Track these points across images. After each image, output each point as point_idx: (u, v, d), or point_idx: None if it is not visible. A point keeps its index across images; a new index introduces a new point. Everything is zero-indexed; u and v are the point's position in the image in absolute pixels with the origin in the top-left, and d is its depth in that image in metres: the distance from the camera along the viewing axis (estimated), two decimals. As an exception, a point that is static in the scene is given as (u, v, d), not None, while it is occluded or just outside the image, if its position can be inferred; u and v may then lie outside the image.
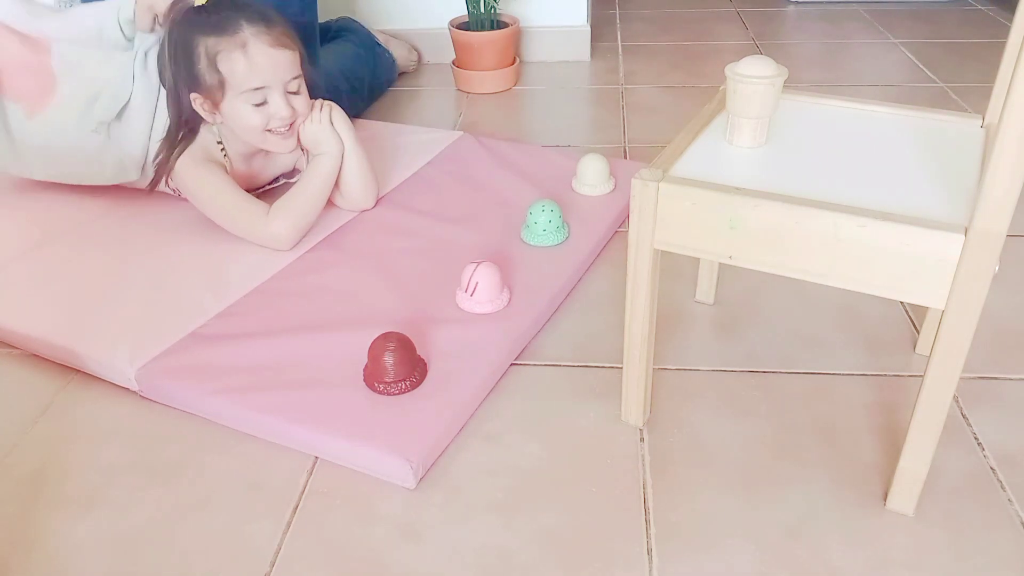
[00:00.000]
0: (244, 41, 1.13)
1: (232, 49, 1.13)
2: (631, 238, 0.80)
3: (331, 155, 1.25)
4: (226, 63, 1.13)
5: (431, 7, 2.04)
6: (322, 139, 1.24)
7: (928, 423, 0.74)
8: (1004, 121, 0.58)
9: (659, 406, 0.95)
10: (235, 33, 1.13)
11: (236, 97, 1.16)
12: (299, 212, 1.21)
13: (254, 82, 1.15)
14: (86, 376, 1.02)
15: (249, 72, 1.14)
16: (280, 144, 1.22)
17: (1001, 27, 2.26)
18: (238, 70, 1.14)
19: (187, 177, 1.21)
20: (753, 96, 0.80)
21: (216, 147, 1.23)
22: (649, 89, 1.89)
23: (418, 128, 1.63)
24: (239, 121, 1.18)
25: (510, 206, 1.32)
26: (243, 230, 1.21)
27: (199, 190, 1.22)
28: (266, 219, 1.20)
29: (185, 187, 1.23)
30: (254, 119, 1.17)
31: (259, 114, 1.17)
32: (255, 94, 1.16)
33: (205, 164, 1.21)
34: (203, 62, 1.14)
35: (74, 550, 0.79)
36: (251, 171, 1.30)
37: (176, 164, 1.21)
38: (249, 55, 1.13)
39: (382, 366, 0.91)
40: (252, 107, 1.16)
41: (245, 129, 1.19)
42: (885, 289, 0.71)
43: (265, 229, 1.19)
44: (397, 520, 0.81)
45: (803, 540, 0.78)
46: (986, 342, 1.03)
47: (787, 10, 2.48)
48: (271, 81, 1.16)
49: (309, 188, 1.23)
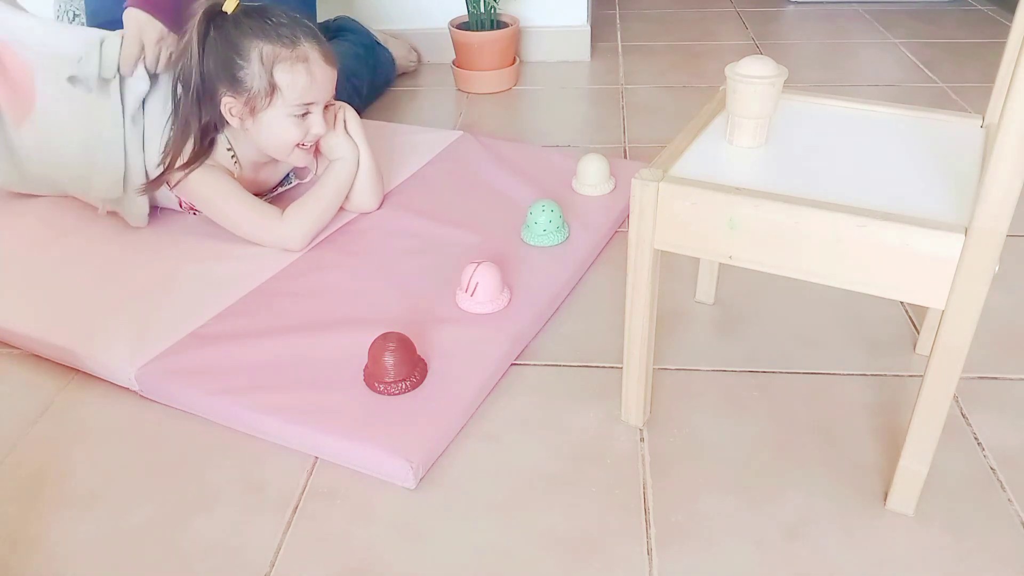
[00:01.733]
0: (306, 56, 1.12)
1: (295, 61, 1.12)
2: (631, 238, 0.80)
3: (348, 160, 1.25)
4: (287, 74, 1.12)
5: (431, 7, 2.04)
6: (337, 145, 1.24)
7: (928, 423, 0.74)
8: (1004, 121, 0.58)
9: (659, 406, 0.95)
10: (295, 46, 1.12)
11: (283, 108, 1.14)
12: (314, 215, 1.21)
13: (309, 97, 1.14)
14: (86, 376, 1.02)
15: (309, 87, 1.13)
16: (304, 158, 1.22)
17: (1001, 27, 2.26)
18: (299, 84, 1.12)
19: (196, 184, 1.19)
20: (753, 96, 0.80)
21: (227, 153, 1.22)
22: (649, 89, 1.89)
23: (418, 128, 1.63)
24: (276, 133, 1.16)
25: (510, 206, 1.32)
26: (256, 233, 1.20)
27: (211, 196, 1.20)
28: (280, 221, 1.19)
29: (193, 194, 1.21)
30: (293, 133, 1.16)
31: (299, 128, 1.16)
32: (303, 108, 1.15)
33: (212, 170, 1.19)
34: (255, 67, 1.11)
35: (74, 550, 0.79)
36: (258, 178, 1.29)
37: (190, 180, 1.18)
38: (312, 71, 1.13)
39: (382, 366, 0.91)
40: (295, 121, 1.15)
41: (279, 142, 1.17)
42: (885, 289, 0.71)
43: (279, 230, 1.19)
44: (397, 520, 0.81)
45: (803, 540, 0.78)
46: (986, 342, 1.03)
47: (787, 10, 2.48)
48: (319, 98, 1.16)
49: (326, 192, 1.23)
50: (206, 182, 1.19)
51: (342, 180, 1.25)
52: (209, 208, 1.22)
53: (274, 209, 1.21)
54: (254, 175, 1.28)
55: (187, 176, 1.18)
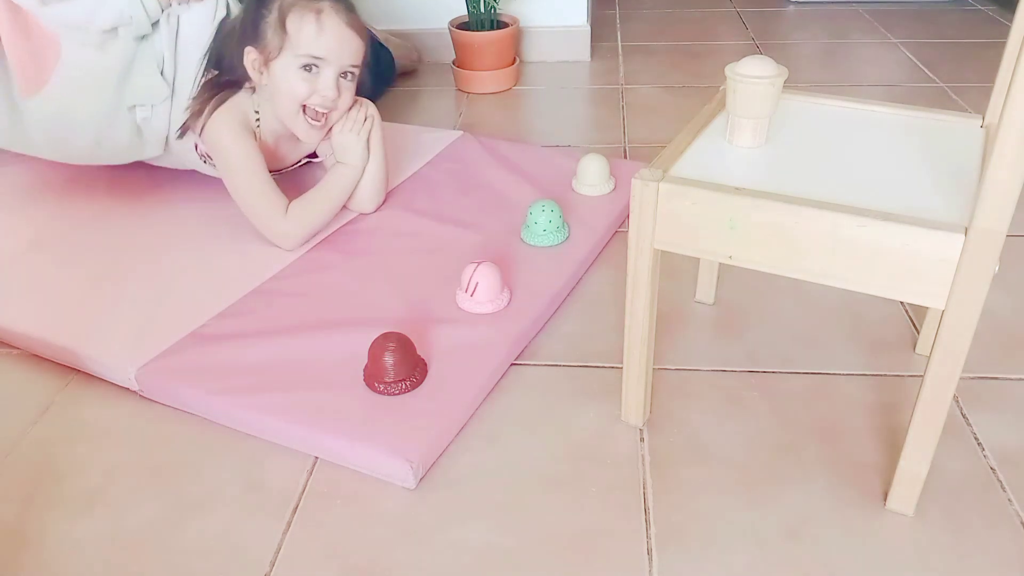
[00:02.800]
0: (321, 8, 1.13)
1: (307, 11, 1.12)
2: (631, 238, 0.80)
3: (354, 168, 1.25)
4: (295, 22, 1.12)
5: (431, 7, 2.04)
6: (351, 150, 1.24)
7: (928, 423, 0.74)
8: (1004, 121, 0.58)
9: (659, 406, 0.95)
10: None
11: (291, 59, 1.14)
12: (311, 218, 1.21)
13: (315, 50, 1.13)
14: (86, 376, 1.02)
15: (315, 39, 1.13)
16: (308, 131, 1.20)
17: (1001, 27, 2.26)
18: (305, 33, 1.12)
19: (223, 138, 1.18)
20: (753, 96, 0.80)
21: (252, 114, 1.21)
22: (649, 89, 1.89)
23: (418, 128, 1.63)
24: (283, 85, 1.16)
25: (510, 206, 1.32)
26: (258, 218, 1.20)
27: (232, 158, 1.19)
28: (283, 218, 1.19)
29: (218, 148, 1.20)
30: (300, 87, 1.15)
31: (306, 83, 1.15)
32: (310, 60, 1.14)
33: (243, 132, 1.19)
34: (273, 15, 1.13)
35: (74, 550, 0.79)
36: (278, 152, 1.28)
37: (213, 118, 1.18)
38: (321, 22, 1.12)
39: (382, 366, 0.91)
40: (302, 73, 1.15)
41: (287, 97, 1.16)
42: (885, 289, 0.71)
43: (279, 226, 1.19)
44: (397, 520, 0.81)
45: (803, 540, 0.78)
46: (986, 342, 1.03)
47: (787, 10, 2.48)
48: (332, 56, 1.14)
49: (326, 197, 1.23)
50: (235, 142, 1.18)
51: (344, 187, 1.25)
52: (228, 170, 1.20)
53: (283, 202, 1.20)
54: (274, 147, 1.27)
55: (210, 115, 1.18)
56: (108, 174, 1.44)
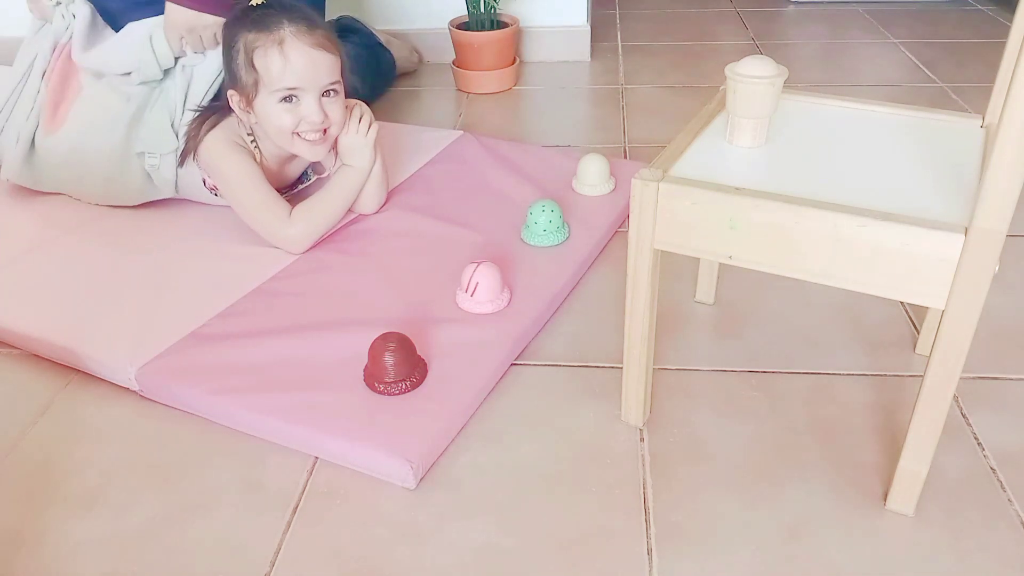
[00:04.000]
0: (282, 39, 1.11)
1: (269, 45, 1.11)
2: (631, 238, 0.80)
3: (360, 170, 1.24)
4: (261, 59, 1.11)
5: (431, 7, 2.04)
6: (356, 151, 1.23)
7: (928, 423, 0.74)
8: (1004, 121, 0.58)
9: (659, 406, 0.95)
10: (274, 30, 1.11)
11: (269, 95, 1.13)
12: (318, 220, 1.21)
13: (288, 81, 1.12)
14: (86, 376, 1.02)
15: (283, 71, 1.11)
16: (309, 150, 1.19)
17: (1001, 27, 2.26)
18: (273, 68, 1.11)
19: (219, 157, 1.19)
20: (753, 96, 0.80)
21: (246, 137, 1.21)
22: (649, 89, 1.89)
23: (418, 128, 1.63)
24: (270, 120, 1.15)
25: (510, 206, 1.32)
26: (262, 227, 1.20)
27: (230, 174, 1.19)
28: (287, 223, 1.19)
29: (214, 167, 1.20)
30: (285, 120, 1.14)
31: (290, 115, 1.14)
32: (286, 92, 1.13)
33: (238, 149, 1.19)
34: (241, 58, 1.12)
35: (74, 550, 0.79)
36: (282, 172, 1.29)
37: (207, 139, 1.19)
38: (285, 53, 1.11)
39: (382, 366, 0.91)
40: (284, 107, 1.14)
41: (275, 130, 1.16)
42: (885, 289, 0.71)
43: (284, 231, 1.19)
44: (397, 520, 0.81)
45: (803, 540, 0.78)
46: (986, 342, 1.03)
47: (787, 10, 2.48)
48: (306, 83, 1.13)
49: (332, 198, 1.23)
50: (230, 159, 1.19)
51: (351, 188, 1.24)
52: (227, 187, 1.21)
53: (285, 208, 1.20)
54: (278, 169, 1.27)
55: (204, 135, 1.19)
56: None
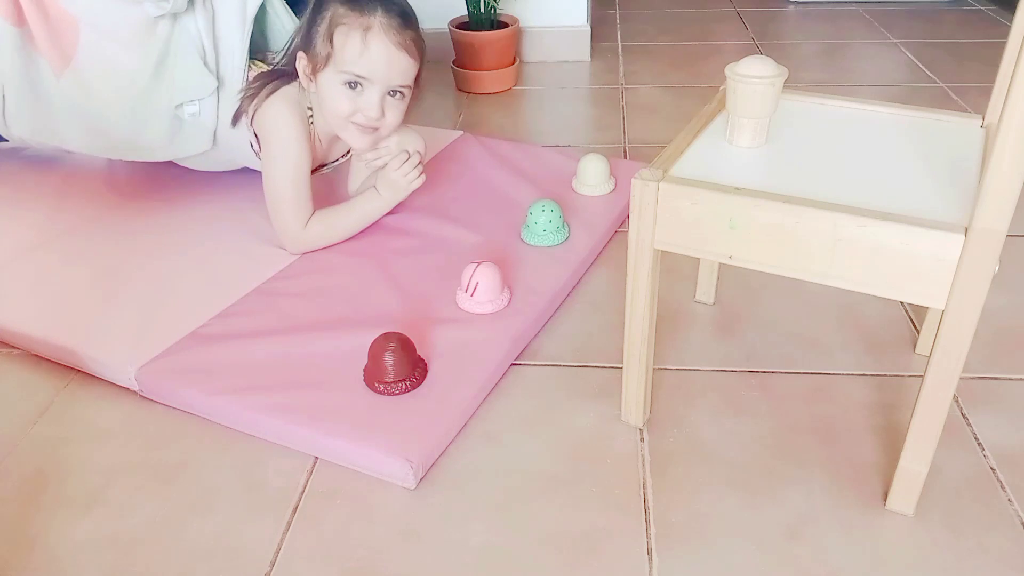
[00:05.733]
0: (370, 25, 1.08)
1: (354, 27, 1.08)
2: (631, 238, 0.80)
3: (388, 203, 1.24)
4: (342, 37, 1.09)
5: (431, 7, 2.02)
6: (394, 188, 1.22)
7: (928, 423, 0.74)
8: (1004, 121, 0.58)
9: (659, 406, 0.95)
10: (367, 14, 1.08)
11: (336, 74, 1.11)
12: (331, 233, 1.21)
13: (358, 69, 1.09)
14: (86, 376, 1.02)
15: (358, 57, 1.09)
16: (358, 138, 1.17)
17: (1001, 27, 2.26)
18: (349, 51, 1.09)
19: (278, 125, 1.16)
20: (753, 96, 0.80)
21: (306, 110, 1.19)
22: (649, 89, 1.89)
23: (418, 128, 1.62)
24: (328, 99, 1.13)
25: (510, 206, 1.32)
26: (281, 218, 1.18)
27: (281, 148, 1.16)
28: (303, 224, 1.18)
29: (270, 133, 1.17)
30: (343, 103, 1.12)
31: (349, 100, 1.12)
32: (353, 78, 1.11)
33: (299, 125, 1.16)
34: (324, 26, 1.10)
35: (74, 550, 0.79)
36: (329, 149, 1.27)
37: (271, 103, 1.16)
38: (367, 41, 1.08)
39: (382, 366, 0.91)
40: (346, 91, 1.11)
41: (331, 109, 1.14)
42: (885, 289, 0.71)
43: (298, 232, 1.18)
44: (397, 520, 0.81)
45: (803, 540, 0.78)
46: (986, 342, 1.03)
47: (787, 10, 2.48)
48: (376, 76, 1.10)
49: (352, 218, 1.22)
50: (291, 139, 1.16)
51: (372, 214, 1.24)
52: (271, 163, 1.18)
53: (309, 210, 1.19)
54: (327, 146, 1.25)
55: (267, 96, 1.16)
56: (108, 174, 1.44)
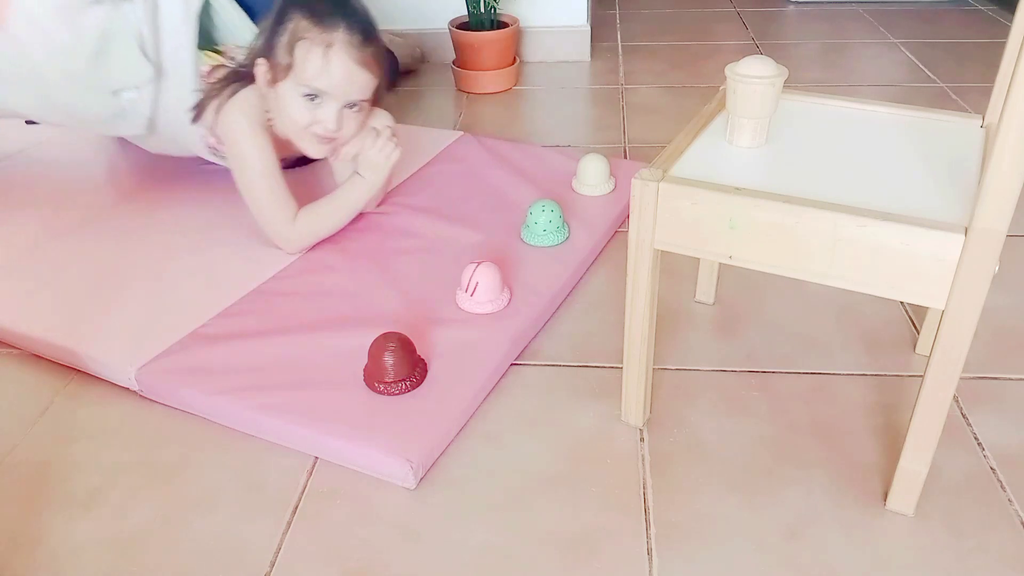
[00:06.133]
0: (331, 42, 1.09)
1: (316, 43, 1.09)
2: (631, 238, 0.80)
3: (373, 185, 1.23)
4: (303, 51, 1.10)
5: (431, 7, 2.04)
6: (374, 168, 1.22)
7: (928, 423, 0.74)
8: (1004, 121, 0.58)
9: (659, 406, 0.95)
10: (328, 30, 1.09)
11: (295, 85, 1.12)
12: (321, 225, 1.21)
13: (318, 84, 1.11)
14: (86, 376, 1.02)
15: (319, 74, 1.10)
16: (315, 147, 1.19)
17: (1001, 27, 2.26)
18: (310, 65, 1.10)
19: (242, 135, 1.17)
20: (753, 96, 0.80)
21: (265, 113, 1.19)
22: (649, 89, 1.89)
23: (418, 128, 1.63)
24: (287, 108, 1.14)
25: (510, 206, 1.32)
26: (266, 220, 1.19)
27: (249, 158, 1.17)
28: (291, 221, 1.18)
29: (232, 142, 1.18)
30: (302, 114, 1.14)
31: (307, 111, 1.14)
32: (313, 92, 1.12)
33: (260, 130, 1.17)
34: (286, 37, 1.11)
35: (74, 550, 0.79)
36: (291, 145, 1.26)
37: (233, 110, 1.17)
38: (328, 58, 1.10)
39: (382, 366, 0.91)
40: (304, 102, 1.13)
41: (289, 118, 1.15)
42: (885, 289, 0.71)
43: (286, 230, 1.18)
44: (397, 520, 0.81)
45: (803, 540, 0.78)
46: (986, 342, 1.03)
47: (787, 10, 2.48)
48: (335, 91, 1.12)
49: (339, 206, 1.22)
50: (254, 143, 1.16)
51: (359, 199, 1.23)
52: (241, 169, 1.18)
53: (293, 207, 1.19)
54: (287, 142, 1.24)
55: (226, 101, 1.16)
56: (108, 175, 1.44)
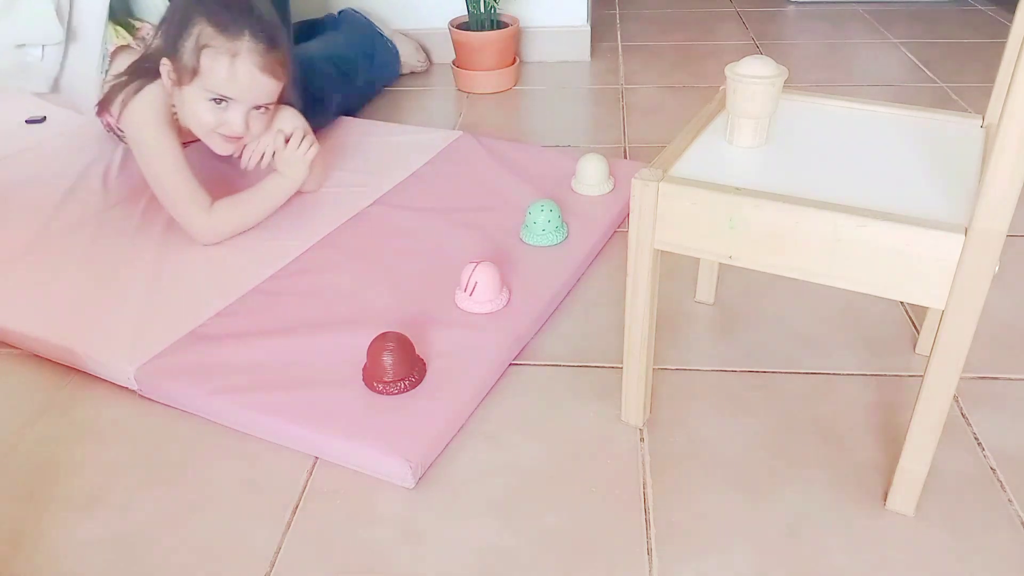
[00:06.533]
0: (237, 51, 1.12)
1: (222, 52, 1.12)
2: (631, 238, 0.80)
3: (293, 180, 1.27)
4: (209, 59, 1.12)
5: (431, 7, 2.04)
6: (293, 166, 1.26)
7: (928, 423, 0.74)
8: (1004, 121, 0.58)
9: (659, 406, 0.95)
10: (234, 39, 1.12)
11: (200, 90, 1.14)
12: (237, 219, 1.23)
13: (225, 91, 1.14)
14: (86, 376, 1.02)
15: (226, 82, 1.13)
16: (222, 146, 1.21)
17: (1001, 27, 2.26)
18: (217, 74, 1.12)
19: (146, 131, 1.18)
20: (753, 96, 0.80)
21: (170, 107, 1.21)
22: (649, 89, 1.89)
23: (418, 128, 1.63)
24: (194, 112, 1.17)
25: (510, 206, 1.32)
26: (177, 212, 1.20)
27: (153, 153, 1.19)
28: (205, 214, 1.20)
29: (137, 139, 1.20)
30: (207, 117, 1.16)
31: (213, 115, 1.16)
32: (220, 97, 1.15)
33: (165, 126, 1.19)
34: (191, 43, 1.12)
35: (74, 550, 0.79)
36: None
37: (137, 107, 1.18)
38: (235, 67, 1.12)
39: (381, 366, 0.91)
40: (211, 106, 1.16)
41: (195, 120, 1.18)
42: (885, 289, 0.71)
43: (200, 221, 1.20)
44: (397, 520, 0.81)
45: (803, 540, 0.78)
46: (986, 342, 1.03)
47: (787, 10, 2.48)
48: (241, 98, 1.15)
49: (258, 202, 1.25)
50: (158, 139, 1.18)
51: (279, 196, 1.26)
52: (147, 162, 1.20)
53: (206, 198, 1.20)
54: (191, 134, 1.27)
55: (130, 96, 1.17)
56: (108, 175, 1.44)
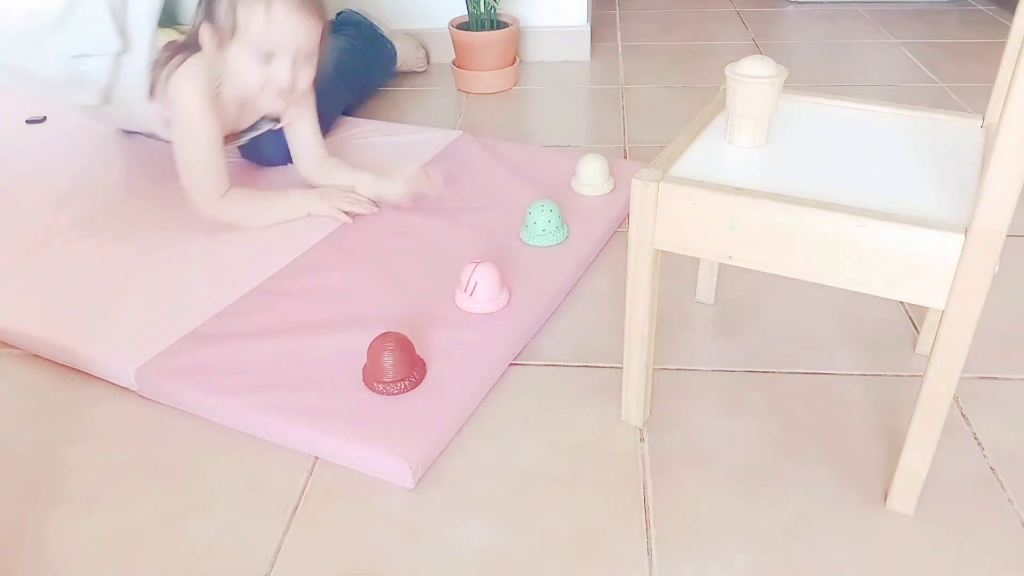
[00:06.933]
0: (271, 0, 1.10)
1: (256, 2, 1.10)
2: (631, 238, 0.80)
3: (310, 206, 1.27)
4: (245, 11, 1.10)
5: (431, 7, 2.04)
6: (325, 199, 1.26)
7: (928, 423, 0.74)
8: (1004, 121, 0.58)
9: (659, 406, 0.95)
10: None
11: (243, 47, 1.13)
12: (245, 216, 1.24)
13: (265, 45, 1.12)
14: (86, 376, 1.02)
15: (265, 32, 1.11)
16: (274, 101, 1.20)
17: (1001, 27, 2.26)
18: (254, 26, 1.11)
19: (187, 101, 1.18)
20: (753, 96, 0.80)
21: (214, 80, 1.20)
22: (649, 89, 1.89)
23: (418, 128, 1.63)
24: (238, 72, 1.16)
25: (510, 206, 1.32)
26: (195, 188, 1.21)
27: (191, 126, 1.18)
28: (219, 197, 1.21)
29: (178, 109, 1.19)
30: (253, 76, 1.15)
31: (260, 72, 1.15)
32: (265, 50, 1.13)
33: (207, 101, 1.18)
34: (225, 2, 1.11)
35: (74, 550, 0.79)
36: (239, 114, 1.28)
37: (179, 77, 1.17)
38: (271, 15, 1.10)
39: (381, 366, 0.91)
40: (255, 63, 1.14)
41: (242, 81, 1.17)
42: (885, 289, 0.71)
43: (211, 204, 1.21)
44: (397, 520, 0.81)
45: (803, 540, 0.78)
46: (986, 342, 1.03)
47: (787, 10, 2.48)
48: (284, 46, 1.13)
49: (271, 208, 1.26)
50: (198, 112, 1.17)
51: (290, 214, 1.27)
52: (181, 134, 1.20)
53: (225, 184, 1.22)
54: (236, 112, 1.27)
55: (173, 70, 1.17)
56: (107, 172, 1.44)
